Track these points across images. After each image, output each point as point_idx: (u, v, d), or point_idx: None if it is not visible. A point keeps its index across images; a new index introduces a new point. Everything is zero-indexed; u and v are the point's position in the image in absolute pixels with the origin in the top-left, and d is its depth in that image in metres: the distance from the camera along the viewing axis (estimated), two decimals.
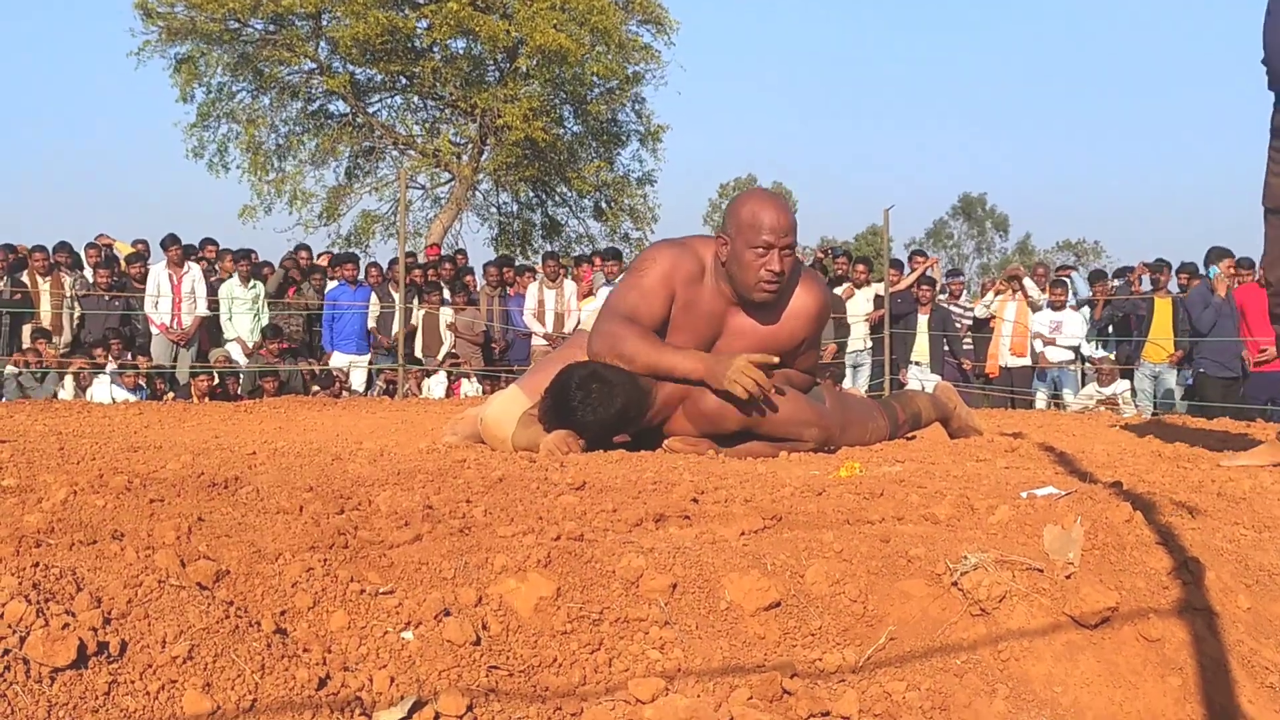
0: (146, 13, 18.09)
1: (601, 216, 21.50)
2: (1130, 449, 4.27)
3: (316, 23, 18.83)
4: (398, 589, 1.66)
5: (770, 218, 3.73)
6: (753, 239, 3.73)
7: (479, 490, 2.44)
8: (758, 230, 3.73)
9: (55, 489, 2.15)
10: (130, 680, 1.33)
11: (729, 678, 1.58)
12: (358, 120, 20.10)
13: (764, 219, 3.73)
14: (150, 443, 3.85)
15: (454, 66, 18.82)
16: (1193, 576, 1.98)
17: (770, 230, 3.72)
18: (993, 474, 2.95)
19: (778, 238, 3.73)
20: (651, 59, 19.86)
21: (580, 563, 1.77)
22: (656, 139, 21.24)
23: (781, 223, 3.74)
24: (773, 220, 3.73)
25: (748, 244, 3.74)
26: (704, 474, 2.87)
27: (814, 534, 2.03)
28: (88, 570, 1.55)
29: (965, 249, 56.49)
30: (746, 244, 3.75)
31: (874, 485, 2.63)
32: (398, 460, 3.04)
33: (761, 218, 3.73)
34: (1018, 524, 2.16)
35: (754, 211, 3.75)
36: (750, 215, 3.75)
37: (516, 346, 12.05)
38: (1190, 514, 2.42)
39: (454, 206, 19.95)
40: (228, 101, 19.94)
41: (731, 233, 3.79)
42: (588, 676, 1.55)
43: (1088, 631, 1.80)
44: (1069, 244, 52.66)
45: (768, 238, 3.72)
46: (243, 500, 2.24)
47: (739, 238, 3.76)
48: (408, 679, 1.47)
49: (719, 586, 1.76)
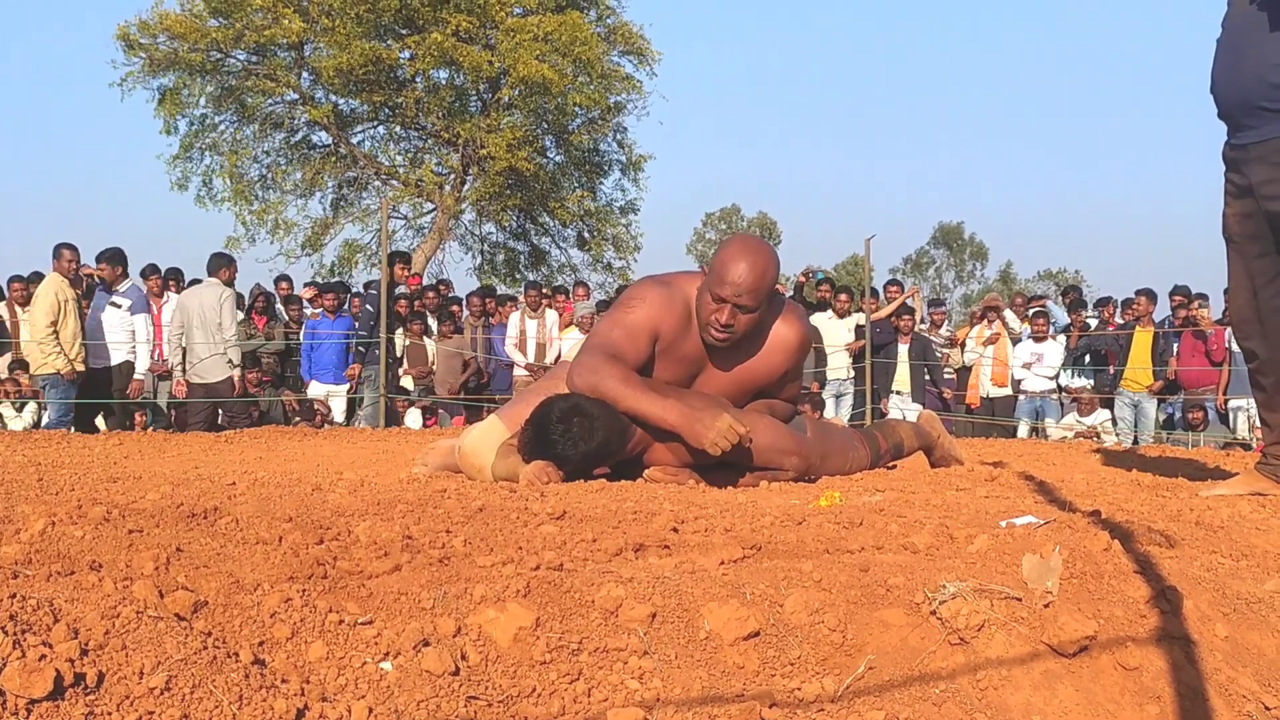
0: (128, 44, 18.10)
1: (584, 246, 21.56)
2: (1110, 478, 4.29)
3: (299, 53, 18.88)
4: (376, 619, 1.65)
5: (734, 273, 3.74)
6: (717, 289, 3.77)
7: (459, 520, 2.44)
8: (720, 280, 3.76)
9: (33, 520, 2.14)
10: (107, 712, 1.33)
11: (708, 708, 1.58)
12: (340, 151, 20.14)
13: (728, 273, 3.75)
14: (129, 473, 3.83)
15: (437, 97, 18.89)
16: (1171, 605, 1.99)
17: (730, 284, 3.74)
18: (972, 503, 2.96)
19: (732, 294, 3.74)
20: (634, 89, 20.00)
21: (560, 592, 1.77)
22: (639, 169, 21.37)
23: (743, 281, 3.74)
24: (735, 276, 3.74)
25: (711, 292, 3.79)
26: (684, 503, 2.87)
27: (793, 563, 2.03)
28: (65, 601, 1.54)
29: (946, 278, 56.76)
30: (710, 291, 3.79)
31: (853, 514, 2.63)
32: (378, 491, 3.04)
33: (727, 270, 3.76)
34: (996, 553, 2.16)
35: (724, 261, 3.78)
36: (720, 264, 3.79)
37: (499, 376, 12.04)
38: (1168, 543, 2.43)
39: (436, 236, 19.97)
40: (210, 133, 19.96)
41: (708, 278, 3.83)
42: (567, 706, 1.55)
43: (1066, 660, 1.80)
44: (1050, 273, 52.99)
45: (723, 291, 3.75)
46: (222, 531, 2.23)
47: (708, 285, 3.81)
48: (386, 709, 1.47)
49: (698, 616, 1.76)
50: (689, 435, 3.65)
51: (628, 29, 19.84)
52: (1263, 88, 3.34)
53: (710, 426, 3.62)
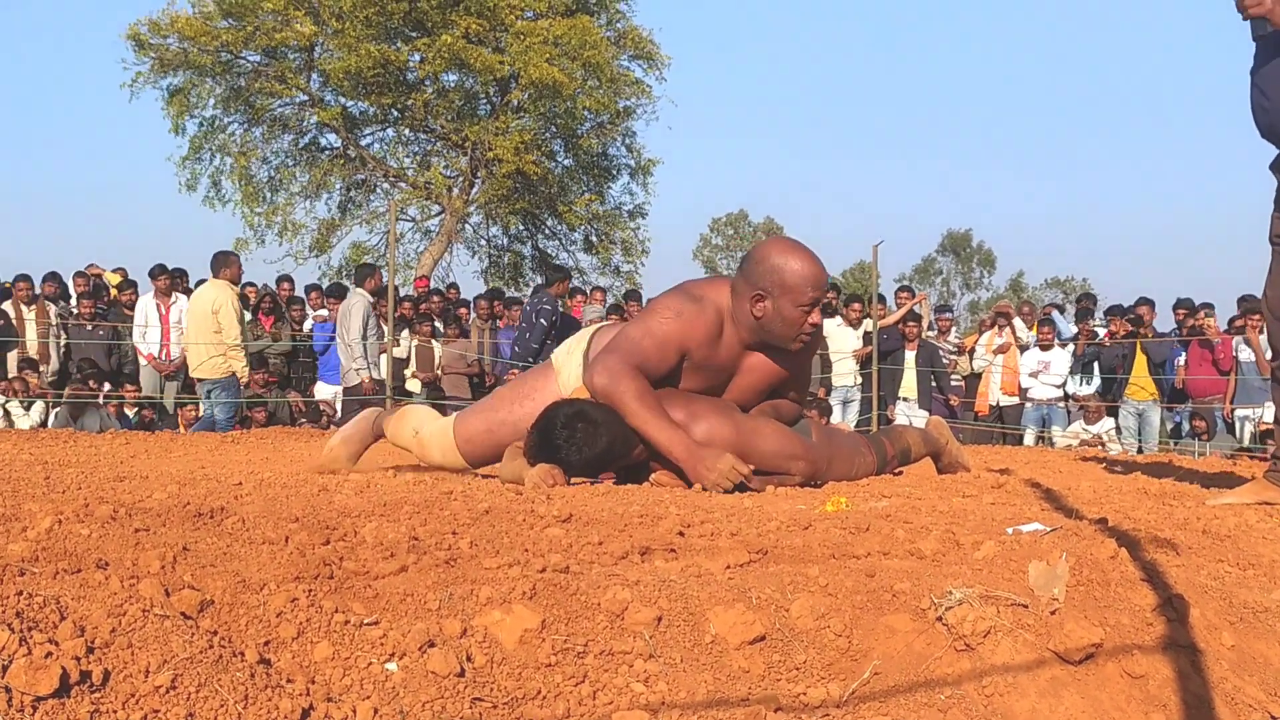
0: (139, 44, 18.16)
1: (592, 249, 21.58)
2: (1116, 486, 4.28)
3: (309, 55, 18.93)
4: (382, 620, 1.65)
5: (815, 274, 3.79)
6: (800, 298, 3.78)
7: (465, 522, 2.44)
8: (801, 286, 3.77)
9: (40, 518, 2.14)
10: (113, 710, 1.33)
11: (713, 711, 1.58)
12: (349, 153, 20.18)
13: (808, 275, 3.78)
14: (136, 473, 3.84)
15: (446, 100, 18.92)
16: (1177, 613, 1.98)
17: (815, 286, 3.78)
18: (979, 510, 2.96)
19: (822, 293, 3.81)
20: (643, 94, 20.02)
21: (565, 595, 1.77)
22: (647, 173, 21.38)
23: (823, 276, 3.81)
24: (817, 276, 3.79)
25: (795, 303, 3.78)
26: (690, 508, 2.87)
27: (799, 568, 2.03)
28: (71, 599, 1.54)
29: (954, 285, 56.69)
30: (794, 303, 3.78)
31: (860, 520, 2.63)
32: (384, 491, 3.04)
33: (804, 274, 3.77)
34: (1003, 560, 2.16)
35: (792, 269, 3.78)
36: (796, 276, 3.78)
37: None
38: (1175, 551, 2.43)
39: (444, 239, 20.00)
40: (219, 134, 20.00)
41: (773, 291, 3.79)
42: (572, 709, 1.55)
43: (1072, 667, 1.80)
44: (1058, 281, 52.90)
45: (815, 294, 3.79)
46: (228, 530, 2.23)
47: (784, 297, 3.78)
48: (391, 710, 1.47)
49: (704, 620, 1.76)
50: (691, 474, 3.65)
51: (637, 33, 19.89)
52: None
53: (712, 469, 3.61)
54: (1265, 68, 3.58)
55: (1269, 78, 3.56)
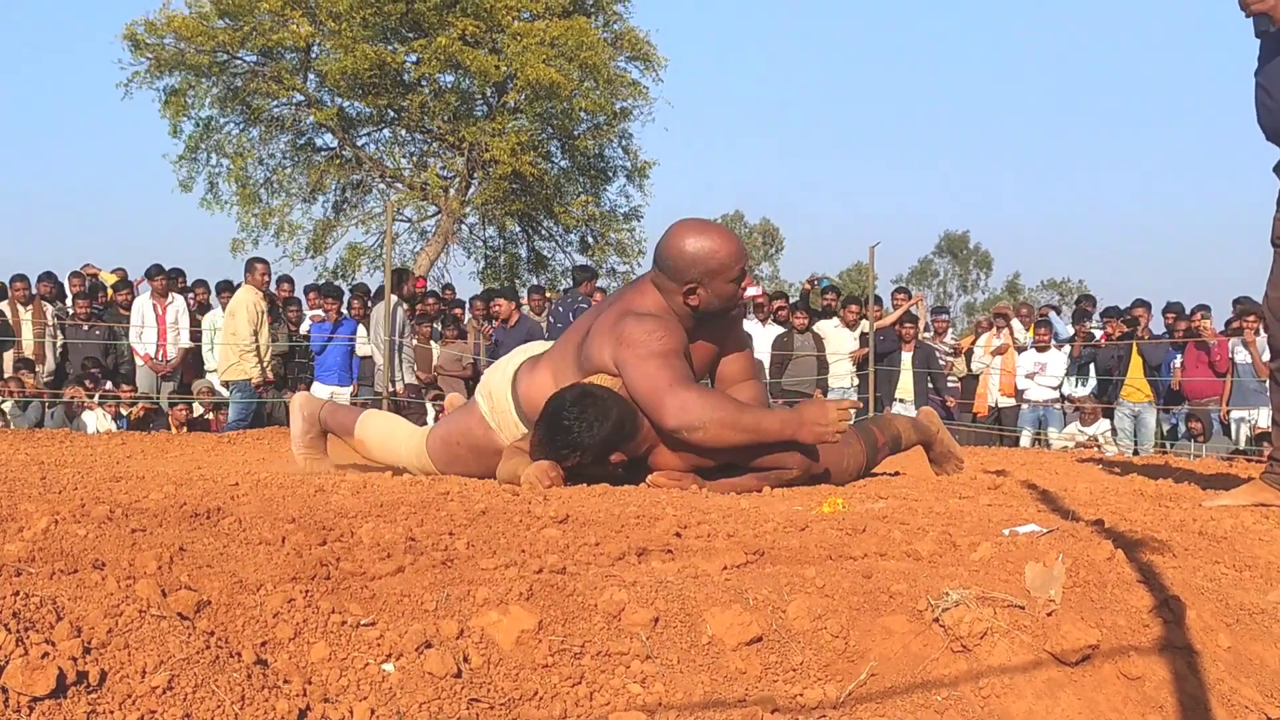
0: (135, 43, 18.12)
1: (587, 251, 21.54)
2: (1113, 487, 4.28)
3: (305, 56, 18.90)
4: (379, 621, 1.65)
5: (733, 248, 3.91)
6: (729, 275, 3.90)
7: (462, 523, 2.44)
8: (730, 266, 3.88)
9: (37, 518, 2.14)
10: (109, 710, 1.33)
11: (710, 712, 1.58)
12: (345, 153, 20.15)
13: (731, 253, 3.89)
14: (133, 473, 3.83)
15: (442, 100, 18.89)
16: (1174, 615, 1.98)
17: (739, 259, 3.91)
18: (975, 511, 2.96)
19: (745, 259, 3.97)
20: (639, 95, 19.98)
21: (562, 596, 1.77)
22: (644, 175, 21.34)
23: (740, 246, 3.97)
24: (736, 249, 3.92)
25: (726, 280, 3.90)
26: (687, 508, 2.87)
27: (796, 569, 2.03)
28: (68, 599, 1.54)
29: (950, 286, 56.70)
30: (725, 280, 3.90)
31: (856, 521, 2.63)
32: (381, 492, 3.04)
33: (729, 253, 3.88)
34: (1000, 561, 2.16)
35: (716, 252, 3.87)
36: (717, 258, 3.86)
37: None
38: (1171, 553, 2.43)
39: (440, 240, 19.97)
40: (215, 134, 19.97)
41: (702, 279, 3.87)
42: (569, 710, 1.55)
43: (1069, 669, 1.80)
44: (1054, 283, 52.93)
45: (740, 266, 3.92)
46: (225, 531, 2.23)
47: (714, 280, 3.88)
48: (388, 711, 1.47)
49: (701, 621, 1.76)
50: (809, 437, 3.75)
51: (634, 34, 19.84)
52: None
53: (822, 419, 3.74)
54: (1268, 66, 3.56)
55: (1272, 76, 3.54)
